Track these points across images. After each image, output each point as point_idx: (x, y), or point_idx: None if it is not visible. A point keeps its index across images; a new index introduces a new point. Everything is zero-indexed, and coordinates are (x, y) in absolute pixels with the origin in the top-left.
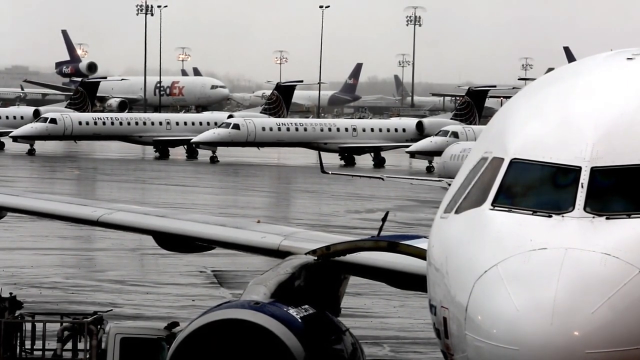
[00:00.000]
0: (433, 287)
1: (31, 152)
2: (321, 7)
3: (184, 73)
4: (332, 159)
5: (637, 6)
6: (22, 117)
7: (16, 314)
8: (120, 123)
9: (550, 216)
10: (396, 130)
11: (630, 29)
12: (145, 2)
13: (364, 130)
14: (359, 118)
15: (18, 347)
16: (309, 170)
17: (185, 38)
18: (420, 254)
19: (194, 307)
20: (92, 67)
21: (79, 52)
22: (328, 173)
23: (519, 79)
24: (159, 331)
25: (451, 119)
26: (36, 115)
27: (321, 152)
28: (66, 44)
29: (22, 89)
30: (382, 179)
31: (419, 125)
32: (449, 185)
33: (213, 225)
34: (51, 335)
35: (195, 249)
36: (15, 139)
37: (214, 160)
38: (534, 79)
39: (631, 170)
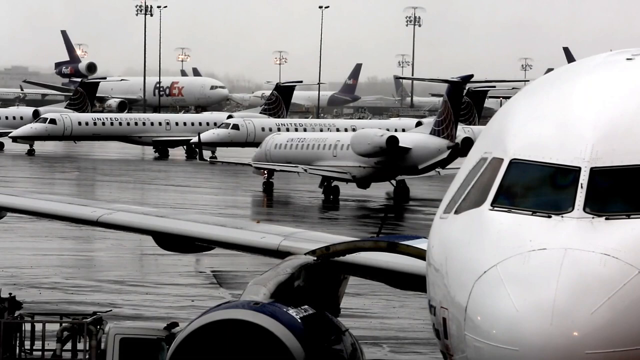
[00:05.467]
0: (433, 287)
1: (31, 152)
2: (321, 7)
3: (183, 73)
4: None
5: (637, 6)
6: (21, 118)
7: (15, 314)
8: (120, 123)
9: (550, 216)
10: (396, 130)
11: (630, 29)
12: (145, 3)
13: None
14: (359, 118)
15: (17, 348)
16: None
17: (184, 38)
18: (420, 255)
19: (194, 307)
20: (91, 67)
21: (79, 52)
22: (206, 161)
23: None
24: (159, 331)
25: None
26: (36, 115)
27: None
28: (65, 44)
29: (22, 90)
30: (251, 165)
31: (419, 125)
32: (305, 170)
33: (213, 226)
34: (51, 335)
35: (194, 249)
36: (15, 139)
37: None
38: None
39: (631, 171)
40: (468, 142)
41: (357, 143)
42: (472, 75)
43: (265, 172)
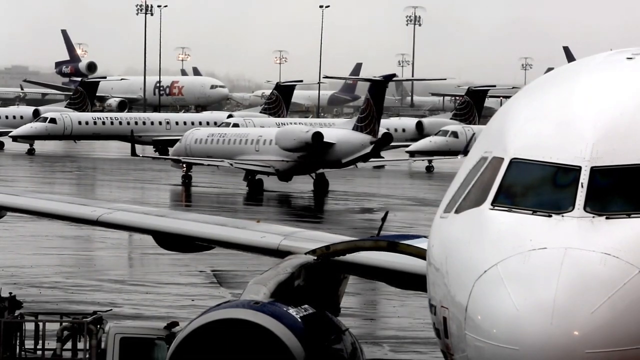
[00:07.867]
0: (433, 286)
1: (31, 151)
2: (321, 7)
3: (183, 73)
4: None
5: (637, 6)
6: (21, 117)
7: (16, 314)
8: (120, 123)
9: (550, 216)
10: (396, 130)
11: (630, 29)
12: (145, 2)
13: None
14: None
15: (18, 347)
16: None
17: (185, 38)
18: (420, 254)
19: (194, 306)
20: (91, 66)
21: (79, 51)
22: (138, 156)
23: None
24: (159, 331)
25: (451, 118)
26: (36, 115)
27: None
28: (66, 43)
29: (22, 89)
30: (180, 161)
31: (419, 125)
32: (231, 164)
33: (213, 225)
34: (51, 335)
35: (195, 248)
36: (15, 138)
37: None
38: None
39: (631, 170)
40: (387, 137)
41: (282, 138)
42: (394, 75)
43: (184, 165)
